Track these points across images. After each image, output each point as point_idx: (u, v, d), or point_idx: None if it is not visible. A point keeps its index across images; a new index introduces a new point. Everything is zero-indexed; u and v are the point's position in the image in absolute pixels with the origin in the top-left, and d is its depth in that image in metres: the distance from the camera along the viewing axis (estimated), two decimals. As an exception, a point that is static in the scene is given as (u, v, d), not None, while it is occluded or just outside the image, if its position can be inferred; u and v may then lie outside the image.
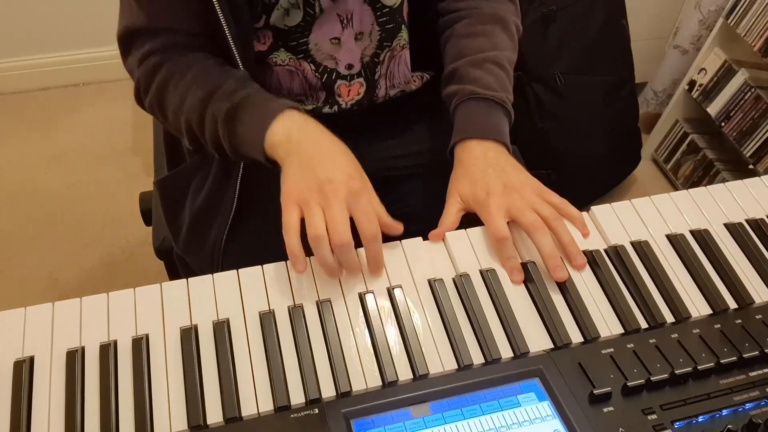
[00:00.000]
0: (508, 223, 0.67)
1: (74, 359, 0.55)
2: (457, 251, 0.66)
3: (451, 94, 0.79)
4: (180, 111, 0.72)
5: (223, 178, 0.81)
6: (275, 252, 0.64)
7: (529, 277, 0.64)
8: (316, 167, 0.63)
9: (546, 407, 0.54)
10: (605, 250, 0.67)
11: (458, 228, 0.69)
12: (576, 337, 0.60)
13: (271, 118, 0.66)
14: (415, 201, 0.90)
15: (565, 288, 0.63)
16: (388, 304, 0.62)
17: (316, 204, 0.61)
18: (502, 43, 0.82)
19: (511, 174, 0.71)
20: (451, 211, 0.72)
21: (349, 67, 0.82)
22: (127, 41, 0.75)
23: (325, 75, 0.82)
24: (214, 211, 0.83)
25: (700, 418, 0.54)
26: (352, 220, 0.62)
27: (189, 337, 0.57)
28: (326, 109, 0.85)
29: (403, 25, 0.84)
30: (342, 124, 0.87)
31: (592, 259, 0.66)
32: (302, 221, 0.62)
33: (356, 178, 0.63)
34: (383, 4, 0.79)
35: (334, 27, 0.78)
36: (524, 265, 0.65)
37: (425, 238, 0.68)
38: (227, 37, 0.70)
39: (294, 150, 0.65)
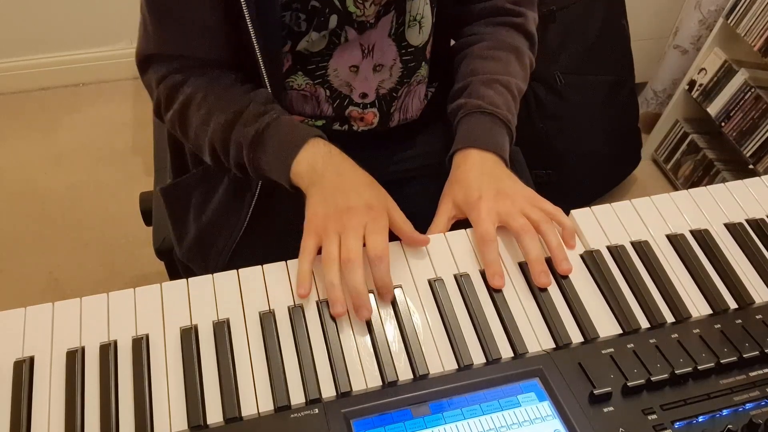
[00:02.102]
0: (496, 229, 0.67)
1: (74, 359, 0.55)
2: (457, 251, 0.66)
3: (457, 108, 0.80)
4: (203, 132, 0.73)
5: (236, 195, 0.81)
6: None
7: (529, 276, 0.64)
8: (337, 197, 0.64)
9: (546, 407, 0.54)
10: (606, 249, 0.67)
11: (458, 228, 0.69)
12: (576, 337, 0.60)
13: (297, 148, 0.68)
14: (421, 202, 0.90)
15: (565, 288, 0.63)
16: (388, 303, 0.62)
17: (334, 232, 0.62)
18: (515, 71, 0.83)
19: (505, 182, 0.71)
20: (442, 219, 0.72)
21: (363, 96, 0.83)
22: (143, 62, 0.76)
23: (338, 101, 0.83)
24: (222, 227, 0.83)
25: (700, 418, 0.54)
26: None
27: (189, 337, 0.57)
28: (336, 127, 0.86)
29: (423, 62, 0.84)
30: (351, 141, 0.87)
31: (591, 259, 0.66)
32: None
33: (375, 208, 0.64)
34: (409, 44, 0.80)
35: (354, 55, 0.78)
36: (521, 265, 0.65)
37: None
38: (259, 62, 0.70)
39: (318, 180, 0.66)
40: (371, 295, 0.61)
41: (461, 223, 0.70)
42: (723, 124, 1.69)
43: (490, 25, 0.86)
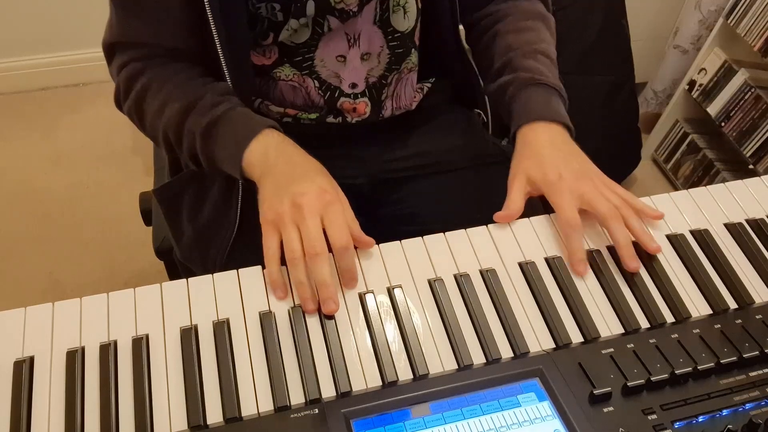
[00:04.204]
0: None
1: (74, 359, 0.55)
2: (457, 251, 0.66)
3: (506, 84, 0.79)
4: (158, 120, 0.73)
5: (226, 193, 0.81)
6: None
7: (529, 277, 0.64)
8: (290, 184, 0.64)
9: (546, 407, 0.54)
10: (605, 249, 0.67)
11: (458, 229, 0.69)
12: (576, 337, 0.60)
13: (249, 138, 0.67)
14: (416, 202, 0.90)
15: (565, 288, 0.63)
16: (388, 303, 0.62)
17: (291, 222, 0.61)
18: (547, 38, 0.83)
19: (580, 161, 0.71)
20: (518, 196, 0.70)
21: (353, 86, 0.82)
22: (109, 50, 0.76)
23: (328, 92, 0.82)
24: (219, 226, 0.83)
25: (700, 418, 0.54)
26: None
27: (189, 337, 0.57)
28: (330, 119, 0.86)
29: (413, 49, 0.84)
30: (345, 134, 0.87)
31: (591, 258, 0.66)
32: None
33: (329, 191, 0.64)
34: (395, 29, 0.80)
35: (340, 45, 0.78)
36: (522, 265, 0.65)
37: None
38: (219, 53, 0.70)
39: (269, 170, 0.66)
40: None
41: (459, 224, 0.70)
42: (723, 124, 1.69)
43: (509, 1, 0.85)
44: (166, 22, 0.71)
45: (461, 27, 0.90)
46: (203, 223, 0.85)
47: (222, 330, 0.58)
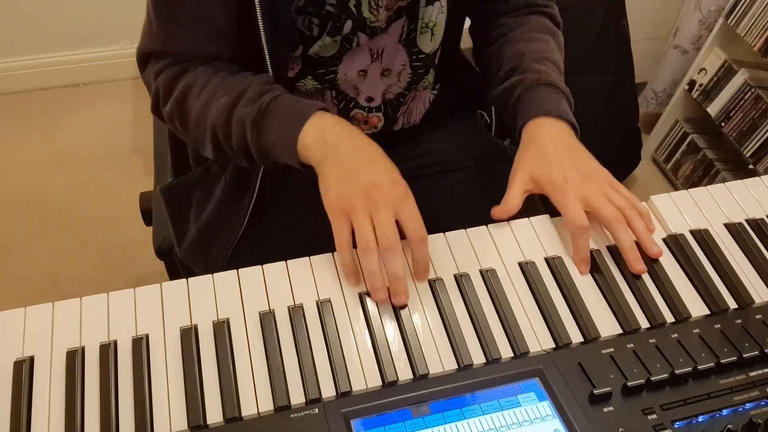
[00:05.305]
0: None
1: (74, 359, 0.55)
2: (456, 251, 0.66)
3: (514, 84, 0.79)
4: (204, 118, 0.71)
5: (234, 194, 0.80)
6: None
7: (529, 277, 0.64)
8: (358, 172, 0.62)
9: (546, 407, 0.54)
10: (605, 249, 0.67)
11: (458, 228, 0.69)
12: (576, 337, 0.60)
13: (303, 120, 0.65)
14: (419, 202, 0.90)
15: (565, 288, 0.63)
16: (387, 303, 0.62)
17: (363, 211, 0.60)
18: (555, 50, 0.84)
19: (586, 162, 0.71)
20: (517, 192, 0.70)
21: (369, 100, 0.82)
22: (143, 58, 0.75)
23: (343, 102, 0.82)
24: (222, 227, 0.83)
25: (700, 418, 0.54)
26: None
27: (189, 337, 0.57)
28: None
29: (431, 69, 0.84)
30: None
31: (591, 258, 0.66)
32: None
33: (401, 183, 0.63)
34: (420, 50, 0.80)
35: (363, 59, 0.78)
36: (522, 265, 0.65)
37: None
38: (267, 65, 0.70)
39: (331, 154, 0.63)
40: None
41: (461, 223, 0.70)
42: (723, 124, 1.69)
43: (521, 16, 0.86)
44: (207, 34, 0.70)
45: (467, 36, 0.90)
46: (206, 223, 0.85)
47: (222, 330, 0.58)
